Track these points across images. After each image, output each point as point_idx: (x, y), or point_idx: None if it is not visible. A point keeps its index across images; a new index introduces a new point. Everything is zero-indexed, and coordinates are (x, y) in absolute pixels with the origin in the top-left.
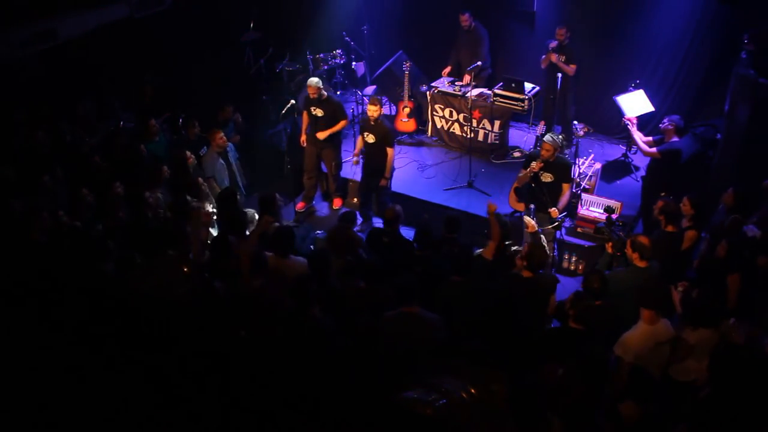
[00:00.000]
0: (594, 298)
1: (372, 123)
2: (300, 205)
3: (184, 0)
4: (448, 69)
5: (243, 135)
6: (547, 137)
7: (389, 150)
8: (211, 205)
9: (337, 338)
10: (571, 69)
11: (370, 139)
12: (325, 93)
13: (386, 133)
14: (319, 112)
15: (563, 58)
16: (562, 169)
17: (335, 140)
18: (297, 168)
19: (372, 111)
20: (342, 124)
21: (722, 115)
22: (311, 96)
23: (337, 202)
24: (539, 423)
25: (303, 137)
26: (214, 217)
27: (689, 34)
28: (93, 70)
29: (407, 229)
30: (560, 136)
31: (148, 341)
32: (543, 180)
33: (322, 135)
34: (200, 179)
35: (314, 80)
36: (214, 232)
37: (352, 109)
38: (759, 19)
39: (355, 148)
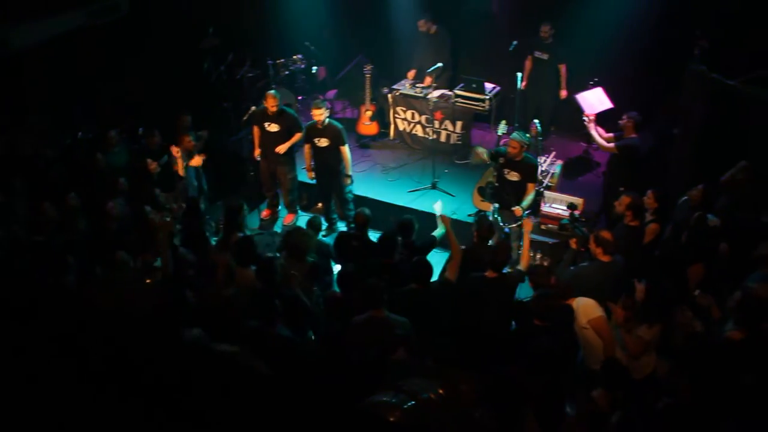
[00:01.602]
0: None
1: (320, 127)
2: (265, 213)
3: (141, 7)
4: (413, 72)
5: (206, 150)
6: (514, 135)
7: (344, 148)
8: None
9: (302, 350)
10: (562, 69)
11: (323, 143)
12: (281, 107)
13: (338, 133)
14: (274, 128)
15: (546, 56)
16: (528, 169)
17: (289, 155)
18: (259, 175)
19: (318, 115)
20: (297, 136)
21: (679, 111)
22: (270, 110)
23: (288, 218)
24: (515, 417)
25: (257, 151)
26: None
27: (644, 31)
28: (48, 80)
29: (374, 233)
30: (527, 135)
31: (111, 356)
32: (509, 178)
33: (282, 149)
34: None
35: (273, 93)
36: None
37: None
38: (710, 14)
39: (305, 162)
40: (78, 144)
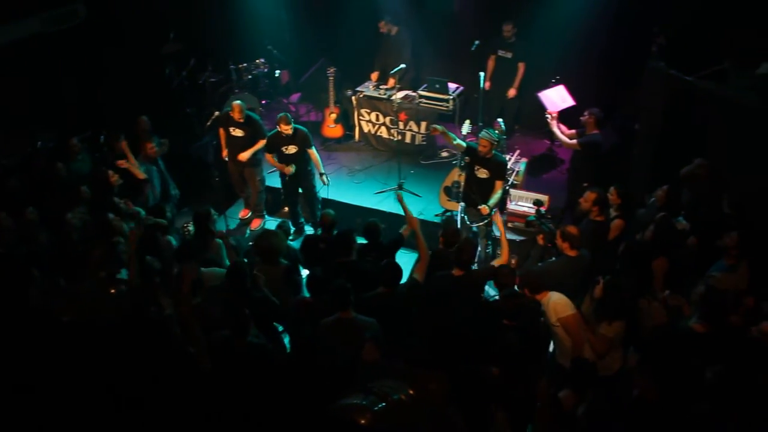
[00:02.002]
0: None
1: (285, 135)
2: (243, 213)
3: (99, 14)
4: (376, 74)
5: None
6: (483, 133)
7: (312, 151)
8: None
9: (274, 357)
10: (520, 67)
11: (292, 149)
12: (247, 114)
13: (306, 137)
14: (238, 132)
15: (509, 54)
16: (498, 167)
17: (254, 158)
18: (225, 180)
19: (287, 129)
20: (261, 143)
21: (639, 107)
22: (236, 118)
23: (255, 223)
24: (485, 416)
25: (225, 152)
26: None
27: (604, 28)
28: (4, 88)
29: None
30: (496, 132)
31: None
32: (478, 176)
33: (244, 156)
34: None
35: (239, 103)
36: None
37: None
38: (668, 11)
39: (272, 166)
40: (38, 153)
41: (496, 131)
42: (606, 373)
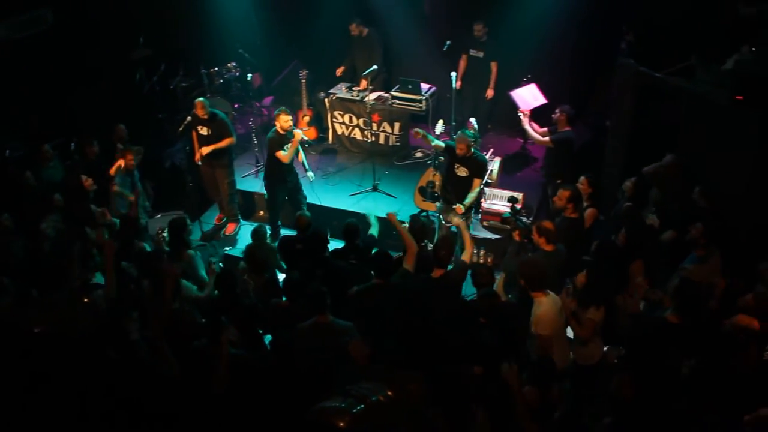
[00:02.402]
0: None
1: (283, 133)
2: (219, 218)
3: (67, 19)
4: (341, 69)
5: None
6: (459, 134)
7: (280, 154)
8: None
9: (254, 361)
10: (493, 67)
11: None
12: (212, 111)
13: (270, 145)
14: (204, 131)
15: (481, 54)
16: (477, 165)
17: (225, 159)
18: (199, 185)
19: (287, 122)
20: (227, 141)
21: (610, 103)
22: (200, 116)
23: (230, 228)
24: (465, 416)
25: (197, 156)
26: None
27: (574, 26)
28: None
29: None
30: (471, 132)
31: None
32: (458, 173)
33: (205, 149)
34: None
35: (201, 100)
36: None
37: (251, 121)
38: (636, 9)
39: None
40: (6, 161)
41: (470, 131)
42: (587, 362)
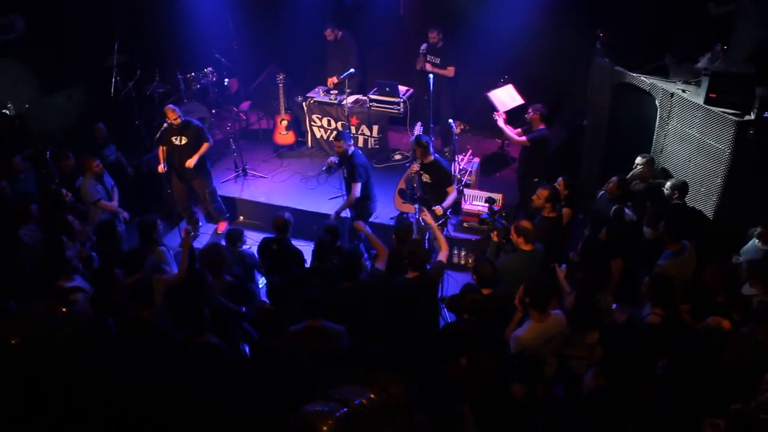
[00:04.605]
0: (487, 285)
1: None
2: (186, 230)
3: (38, 26)
4: (333, 79)
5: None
6: (412, 139)
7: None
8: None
9: (234, 362)
10: (450, 71)
11: None
12: (186, 120)
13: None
14: (182, 140)
15: (438, 60)
16: (437, 170)
17: (203, 167)
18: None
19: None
20: (205, 146)
21: (586, 103)
22: (174, 123)
23: (221, 226)
24: (452, 415)
25: (161, 167)
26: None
27: (549, 26)
28: None
29: (297, 241)
30: (422, 137)
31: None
32: (423, 180)
33: (191, 162)
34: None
35: (170, 106)
36: None
37: (229, 126)
38: (611, 10)
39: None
40: None
41: (423, 135)
42: (582, 371)
